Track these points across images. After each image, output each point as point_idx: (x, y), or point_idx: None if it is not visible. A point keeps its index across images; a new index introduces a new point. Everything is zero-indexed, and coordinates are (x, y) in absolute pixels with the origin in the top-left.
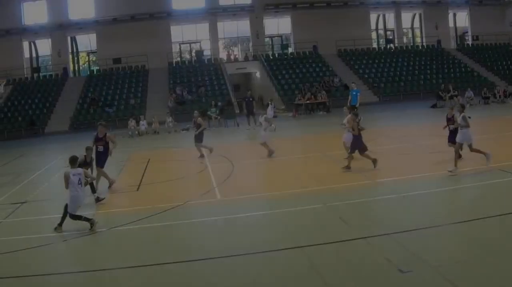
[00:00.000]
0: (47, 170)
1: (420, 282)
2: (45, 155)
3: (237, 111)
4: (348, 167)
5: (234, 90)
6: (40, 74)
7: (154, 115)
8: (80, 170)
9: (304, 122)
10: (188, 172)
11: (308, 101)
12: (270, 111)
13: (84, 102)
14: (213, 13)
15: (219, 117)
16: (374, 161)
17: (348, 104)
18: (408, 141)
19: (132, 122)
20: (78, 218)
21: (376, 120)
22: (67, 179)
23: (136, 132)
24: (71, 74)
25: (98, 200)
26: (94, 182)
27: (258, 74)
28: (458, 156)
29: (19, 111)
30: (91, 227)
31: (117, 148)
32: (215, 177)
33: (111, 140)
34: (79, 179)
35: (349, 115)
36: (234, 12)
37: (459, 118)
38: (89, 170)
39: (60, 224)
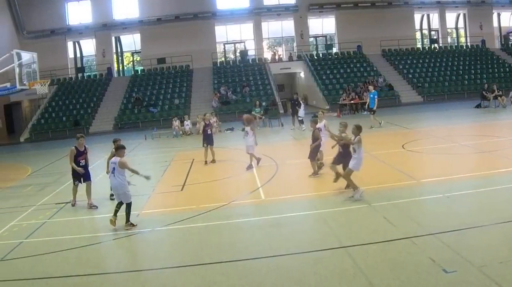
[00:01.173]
0: (91, 169)
1: (464, 282)
2: (89, 154)
3: (281, 111)
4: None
5: (278, 90)
6: (84, 74)
7: (198, 115)
8: (117, 159)
9: (348, 123)
10: (232, 172)
11: (352, 101)
12: (301, 111)
13: (128, 102)
14: (258, 13)
15: (263, 117)
16: (315, 173)
17: (366, 107)
18: (453, 141)
19: (176, 122)
20: (117, 206)
21: (420, 121)
22: (106, 163)
23: (181, 132)
24: (115, 74)
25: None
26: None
27: (302, 74)
28: None
29: (63, 111)
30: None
31: (162, 148)
32: (260, 177)
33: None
34: (113, 168)
35: (325, 120)
36: (278, 12)
37: None
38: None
39: (127, 220)
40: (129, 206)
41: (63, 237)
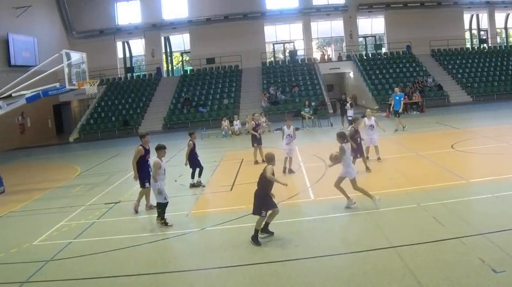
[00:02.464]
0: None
1: None
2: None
3: (331, 111)
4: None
5: (328, 90)
6: (133, 74)
7: (247, 115)
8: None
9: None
10: (281, 172)
11: (401, 102)
12: (351, 111)
13: (177, 102)
14: (307, 13)
15: (312, 117)
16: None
17: (392, 109)
18: (503, 141)
19: (225, 122)
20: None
21: (469, 120)
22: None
23: (230, 132)
24: (164, 74)
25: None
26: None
27: (351, 74)
28: None
29: (112, 111)
30: (166, 225)
31: (211, 148)
32: (309, 177)
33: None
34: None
35: (374, 117)
36: (327, 12)
37: None
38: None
39: (162, 218)
40: (161, 205)
41: (112, 237)
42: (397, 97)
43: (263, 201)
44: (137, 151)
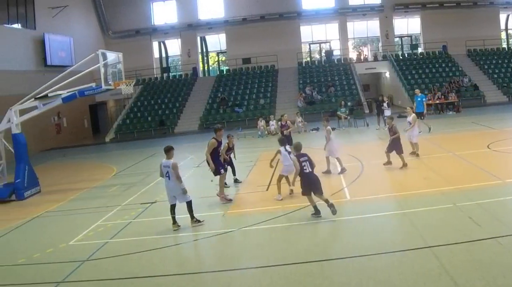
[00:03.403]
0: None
1: None
2: (175, 154)
3: (367, 111)
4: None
5: (364, 90)
6: (170, 74)
7: (283, 114)
8: (169, 162)
9: (433, 123)
10: (318, 172)
11: (438, 102)
12: (388, 111)
13: (213, 102)
14: (343, 13)
15: (348, 117)
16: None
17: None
18: None
19: (261, 122)
20: (171, 208)
21: (506, 120)
22: (160, 168)
23: (266, 132)
24: (200, 74)
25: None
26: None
27: (387, 74)
28: None
29: (148, 111)
30: (173, 225)
31: (247, 148)
32: (345, 177)
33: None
34: (167, 171)
35: (413, 115)
36: (363, 12)
37: None
38: (232, 154)
39: (192, 217)
40: (189, 204)
41: (148, 237)
42: (418, 99)
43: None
44: (211, 143)
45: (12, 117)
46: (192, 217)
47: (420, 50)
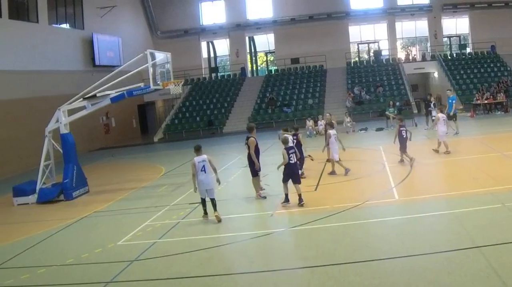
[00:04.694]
0: (225, 169)
1: None
2: (223, 154)
3: (415, 111)
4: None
5: (412, 90)
6: (218, 74)
7: (332, 115)
8: (204, 156)
9: (482, 123)
10: (366, 172)
11: (486, 102)
12: (434, 111)
13: (262, 102)
14: (391, 13)
15: (397, 117)
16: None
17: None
18: None
19: (310, 122)
20: (202, 202)
21: None
22: (193, 165)
23: (314, 132)
24: (249, 74)
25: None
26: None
27: (435, 74)
28: None
29: (197, 111)
30: (203, 215)
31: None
32: (393, 177)
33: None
34: (203, 165)
35: (437, 115)
36: (412, 12)
37: None
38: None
39: (212, 209)
40: (214, 200)
41: (196, 237)
42: (450, 100)
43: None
44: (252, 141)
45: (60, 118)
46: (215, 211)
47: (468, 50)
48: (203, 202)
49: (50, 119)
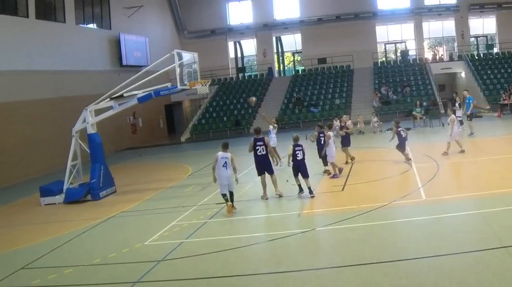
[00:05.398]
0: (252, 169)
1: None
2: (250, 155)
3: (442, 111)
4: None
5: (439, 90)
6: (245, 74)
7: (359, 115)
8: (227, 154)
9: (509, 122)
10: (393, 172)
11: None
12: (459, 111)
13: (289, 102)
14: (418, 13)
15: (424, 117)
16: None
17: (465, 113)
18: None
19: (337, 122)
20: (223, 195)
21: None
22: (215, 159)
23: (341, 131)
24: (276, 74)
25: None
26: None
27: (463, 74)
28: None
29: (224, 111)
30: (226, 204)
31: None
32: (420, 177)
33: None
34: (225, 162)
35: (452, 116)
36: (439, 12)
37: None
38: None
39: (232, 203)
40: (232, 193)
41: (223, 237)
42: (467, 101)
43: None
44: (267, 140)
45: (87, 117)
46: (232, 203)
47: (495, 50)
48: (224, 197)
49: (77, 119)
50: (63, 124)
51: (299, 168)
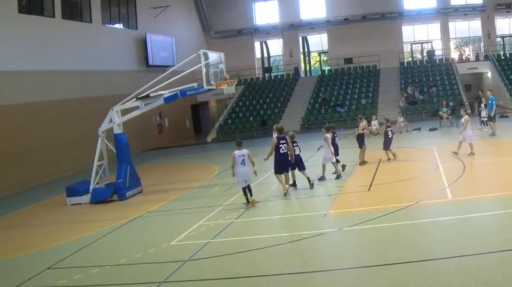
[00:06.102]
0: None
1: None
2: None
3: (469, 111)
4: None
5: (465, 90)
6: (271, 74)
7: (384, 115)
8: (244, 151)
9: None
10: (419, 172)
11: None
12: (484, 111)
13: (315, 102)
14: (445, 13)
15: (450, 117)
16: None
17: (487, 115)
18: None
19: (363, 122)
20: (243, 191)
21: None
22: (233, 158)
23: (368, 132)
24: (302, 74)
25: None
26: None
27: (489, 74)
28: None
29: (250, 111)
30: (246, 203)
31: (350, 148)
32: (447, 177)
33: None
34: (243, 159)
35: (465, 117)
36: (465, 12)
37: None
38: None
39: (251, 196)
40: (250, 187)
41: (249, 237)
42: (490, 101)
43: None
44: (289, 137)
45: (113, 117)
46: (251, 196)
47: None
48: (244, 192)
49: (103, 119)
50: (90, 124)
51: (297, 162)
